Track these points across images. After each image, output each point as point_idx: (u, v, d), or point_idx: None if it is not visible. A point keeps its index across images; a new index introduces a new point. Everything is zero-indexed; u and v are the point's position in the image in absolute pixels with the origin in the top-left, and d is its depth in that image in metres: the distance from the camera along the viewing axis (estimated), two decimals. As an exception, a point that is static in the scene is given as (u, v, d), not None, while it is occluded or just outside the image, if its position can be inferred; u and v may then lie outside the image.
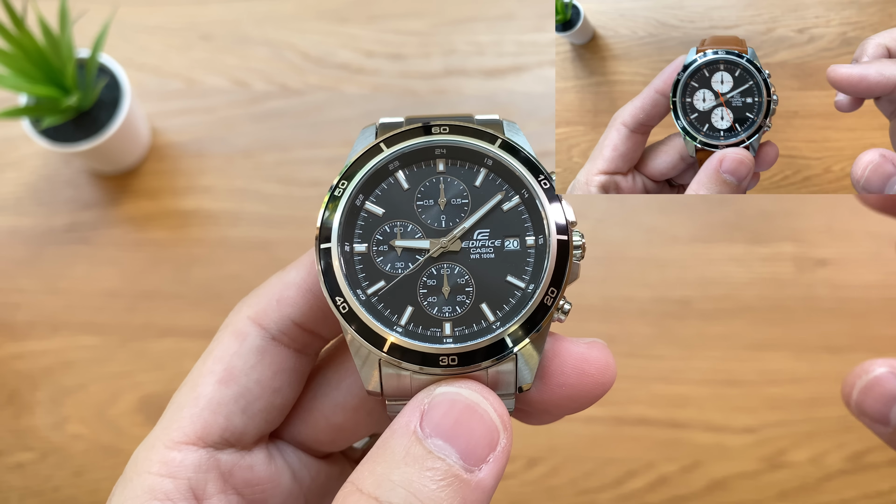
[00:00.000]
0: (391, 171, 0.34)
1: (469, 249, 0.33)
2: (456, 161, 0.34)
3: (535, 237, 0.34)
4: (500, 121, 0.35)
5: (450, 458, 0.28)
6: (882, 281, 0.85)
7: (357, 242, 0.34)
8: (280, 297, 0.34)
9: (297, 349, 0.35)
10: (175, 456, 0.32)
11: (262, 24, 0.93)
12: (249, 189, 0.88)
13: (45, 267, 0.86)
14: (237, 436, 0.34)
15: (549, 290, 0.33)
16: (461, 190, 0.34)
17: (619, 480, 0.80)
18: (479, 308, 0.33)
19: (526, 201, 0.34)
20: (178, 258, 0.86)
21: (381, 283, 0.33)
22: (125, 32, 0.92)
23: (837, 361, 0.83)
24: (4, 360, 0.84)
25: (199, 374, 0.34)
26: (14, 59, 0.76)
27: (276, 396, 0.34)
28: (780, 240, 0.86)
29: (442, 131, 0.34)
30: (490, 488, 0.29)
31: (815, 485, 0.80)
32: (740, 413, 0.82)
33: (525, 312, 0.32)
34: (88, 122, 0.81)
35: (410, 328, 0.33)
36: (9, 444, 0.83)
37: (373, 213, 0.34)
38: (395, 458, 0.28)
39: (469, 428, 0.29)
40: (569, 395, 0.33)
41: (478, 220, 0.34)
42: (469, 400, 0.30)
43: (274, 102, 0.90)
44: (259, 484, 0.35)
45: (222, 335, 0.35)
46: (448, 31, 0.92)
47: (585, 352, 0.33)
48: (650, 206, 0.87)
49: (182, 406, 0.33)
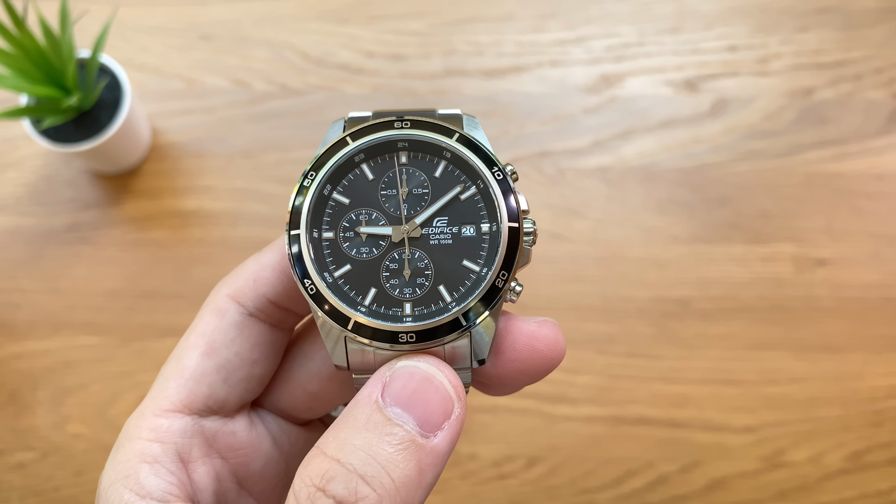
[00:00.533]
0: (357, 163, 0.37)
1: (429, 236, 0.36)
2: (417, 153, 0.37)
3: (490, 224, 0.36)
4: (460, 115, 0.38)
5: (407, 424, 0.31)
6: (882, 281, 0.85)
7: (325, 230, 0.36)
8: (256, 276, 0.37)
9: (273, 324, 0.38)
10: (163, 423, 0.35)
11: (263, 24, 0.93)
12: (250, 189, 0.88)
13: (45, 267, 0.87)
14: (220, 404, 0.36)
15: (500, 273, 0.35)
16: (422, 180, 0.37)
17: (618, 480, 0.81)
18: (437, 290, 0.36)
19: (481, 191, 0.36)
20: (178, 258, 0.86)
21: (346, 266, 0.36)
22: (126, 33, 0.92)
23: (837, 361, 0.83)
24: (5, 359, 0.85)
25: (183, 347, 0.37)
26: (15, 60, 0.76)
27: (254, 367, 0.37)
28: (779, 240, 0.86)
29: (404, 126, 0.36)
30: (444, 453, 0.32)
31: (814, 484, 0.80)
32: (740, 413, 0.82)
33: (478, 293, 0.35)
34: (89, 123, 0.81)
35: (374, 308, 0.35)
36: (9, 444, 0.83)
37: (340, 202, 0.37)
38: (358, 425, 0.31)
39: (426, 398, 0.32)
40: (521, 369, 0.36)
41: (437, 209, 0.36)
42: (426, 372, 0.33)
43: (274, 102, 0.90)
44: (241, 448, 0.37)
45: (204, 312, 0.37)
46: (448, 31, 0.92)
47: (536, 329, 0.35)
48: (650, 206, 0.87)
49: (169, 377, 0.36)
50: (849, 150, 0.88)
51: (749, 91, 0.90)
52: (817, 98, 0.90)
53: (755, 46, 0.91)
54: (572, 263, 0.85)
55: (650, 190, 0.87)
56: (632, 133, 0.89)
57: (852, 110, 0.89)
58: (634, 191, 0.87)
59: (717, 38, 0.92)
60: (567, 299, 0.84)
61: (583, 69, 0.91)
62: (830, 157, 0.88)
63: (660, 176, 0.87)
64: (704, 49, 0.91)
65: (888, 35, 0.91)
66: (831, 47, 0.91)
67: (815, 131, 0.89)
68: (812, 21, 0.92)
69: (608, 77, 0.90)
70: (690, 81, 0.90)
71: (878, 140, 0.88)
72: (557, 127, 0.88)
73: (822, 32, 0.91)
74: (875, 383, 0.83)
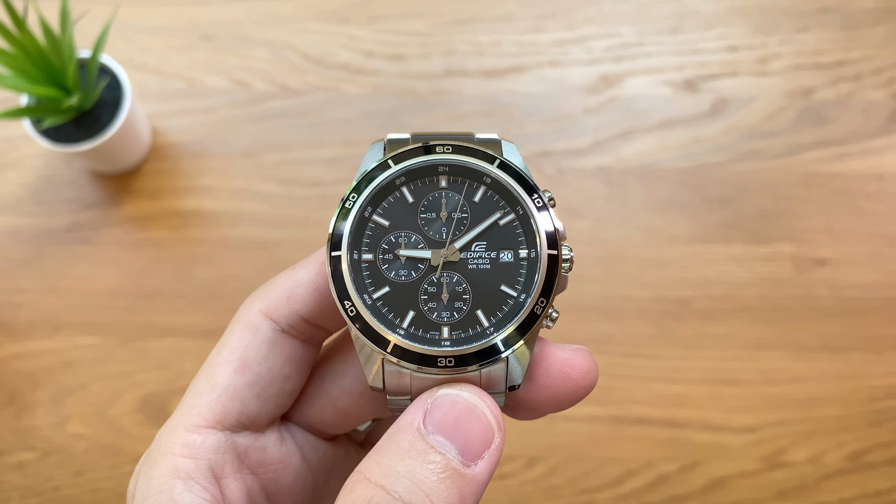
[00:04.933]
0: (397, 186, 0.37)
1: (467, 260, 0.36)
2: (457, 178, 0.37)
3: (528, 250, 0.37)
4: (498, 140, 0.38)
5: (449, 453, 0.31)
6: (882, 281, 0.85)
7: (365, 251, 0.36)
8: (290, 293, 0.37)
9: (304, 340, 0.38)
10: (196, 438, 0.35)
11: (263, 24, 0.93)
12: (250, 189, 0.88)
13: (46, 267, 0.87)
14: (252, 419, 0.37)
15: (539, 300, 0.35)
16: (461, 205, 0.37)
17: (618, 480, 0.81)
18: (474, 314, 0.36)
19: (520, 217, 0.37)
20: (178, 258, 0.86)
21: (385, 288, 0.36)
22: (126, 33, 0.92)
23: (837, 361, 0.83)
24: (6, 359, 0.85)
25: (215, 363, 0.37)
26: (15, 60, 0.76)
27: (286, 383, 0.38)
28: (779, 240, 0.86)
29: (445, 150, 0.37)
30: (484, 482, 0.32)
31: (814, 484, 0.80)
32: (739, 412, 0.82)
33: (517, 319, 0.35)
34: (89, 123, 0.81)
35: (412, 331, 0.36)
36: (10, 444, 0.83)
37: (380, 225, 0.37)
38: (401, 452, 0.31)
39: (468, 427, 0.32)
40: (553, 395, 0.36)
41: (476, 234, 0.37)
42: (469, 402, 0.33)
43: (274, 103, 0.90)
44: (272, 464, 0.38)
45: (235, 327, 0.37)
46: (448, 32, 0.92)
47: (570, 357, 0.36)
48: (650, 206, 0.87)
49: (200, 392, 0.36)
50: (849, 150, 0.88)
51: (749, 91, 0.90)
52: (817, 98, 0.90)
53: (755, 46, 0.91)
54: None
55: (650, 190, 0.87)
56: (632, 133, 0.89)
57: (852, 110, 0.89)
58: (634, 191, 0.87)
59: (717, 39, 0.92)
60: (567, 299, 0.84)
61: (583, 69, 0.91)
62: (830, 157, 0.88)
63: (660, 176, 0.87)
64: (704, 49, 0.91)
65: (888, 35, 0.91)
66: (831, 47, 0.91)
67: (815, 131, 0.89)
68: (812, 21, 0.92)
69: (608, 77, 0.90)
70: (690, 81, 0.90)
71: (878, 140, 0.88)
72: (557, 127, 0.88)
73: (822, 32, 0.92)
74: (875, 383, 0.83)
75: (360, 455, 0.32)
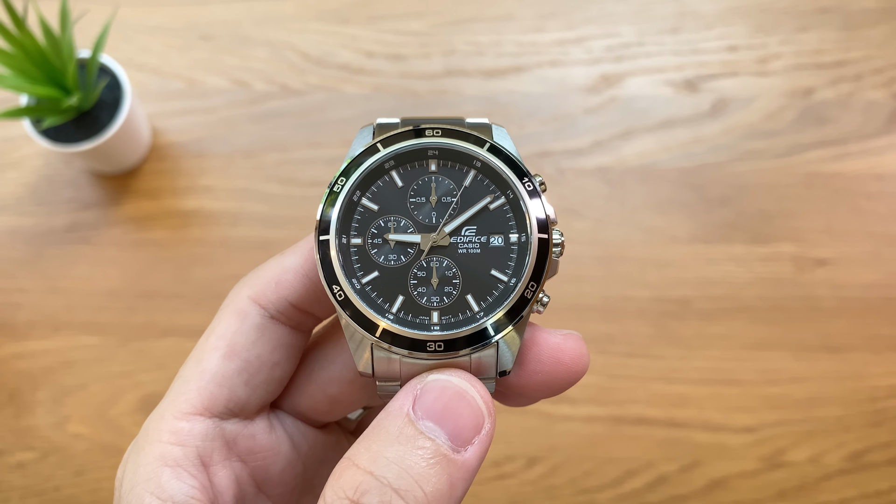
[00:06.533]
0: (386, 170, 0.37)
1: (457, 244, 0.36)
2: (447, 162, 0.37)
3: (518, 235, 0.36)
4: (489, 124, 0.37)
5: (439, 438, 0.31)
6: (882, 281, 0.85)
7: (353, 235, 0.36)
8: (279, 280, 0.37)
9: (293, 326, 0.38)
10: (184, 426, 0.35)
11: (263, 24, 0.93)
12: (250, 189, 0.88)
13: (45, 267, 0.87)
14: (240, 406, 0.36)
15: (529, 284, 0.35)
16: (451, 189, 0.36)
17: (618, 480, 0.81)
18: (464, 299, 0.35)
19: (511, 201, 0.36)
20: (178, 258, 0.86)
21: (375, 273, 0.36)
22: (126, 33, 0.92)
23: (837, 361, 0.83)
24: (5, 359, 0.85)
25: (203, 350, 0.36)
26: (15, 60, 0.76)
27: (275, 369, 0.37)
28: (779, 240, 0.86)
29: (435, 134, 0.36)
30: (474, 468, 0.32)
31: (814, 484, 0.80)
32: (740, 413, 0.82)
33: (507, 304, 0.35)
34: (89, 123, 0.81)
35: (401, 316, 0.35)
36: (10, 444, 0.83)
37: (368, 209, 0.36)
38: (390, 438, 0.31)
39: (457, 412, 0.32)
40: (544, 381, 0.35)
41: (467, 218, 0.36)
42: (458, 387, 0.33)
43: (274, 102, 0.90)
44: (261, 451, 0.37)
45: (224, 313, 0.37)
46: (448, 32, 0.92)
47: (561, 342, 0.35)
48: (650, 206, 0.87)
49: (188, 379, 0.36)
50: (849, 150, 0.88)
51: (749, 91, 0.90)
52: (817, 98, 0.90)
53: (755, 46, 0.91)
54: (572, 263, 0.85)
55: (650, 190, 0.87)
56: (632, 133, 0.89)
57: (852, 110, 0.89)
58: (634, 191, 0.87)
59: (717, 38, 0.92)
60: (567, 299, 0.84)
61: (583, 69, 0.91)
62: (830, 157, 0.88)
63: (660, 176, 0.87)
64: (704, 49, 0.91)
65: (888, 35, 0.91)
66: (831, 47, 0.91)
67: (815, 131, 0.89)
68: (812, 21, 0.92)
69: (608, 77, 0.90)
70: (690, 81, 0.90)
71: (878, 140, 0.88)
72: (557, 127, 0.88)
73: (822, 32, 0.92)
74: (875, 383, 0.83)
75: (351, 443, 0.32)
